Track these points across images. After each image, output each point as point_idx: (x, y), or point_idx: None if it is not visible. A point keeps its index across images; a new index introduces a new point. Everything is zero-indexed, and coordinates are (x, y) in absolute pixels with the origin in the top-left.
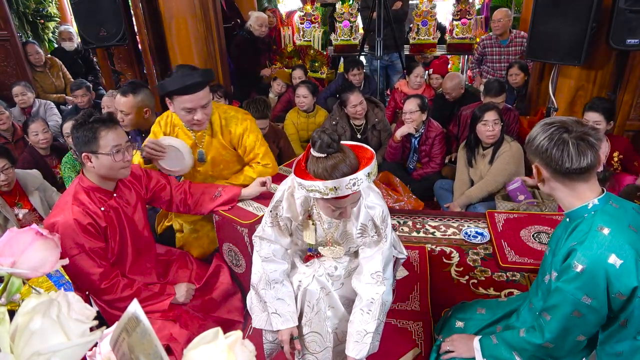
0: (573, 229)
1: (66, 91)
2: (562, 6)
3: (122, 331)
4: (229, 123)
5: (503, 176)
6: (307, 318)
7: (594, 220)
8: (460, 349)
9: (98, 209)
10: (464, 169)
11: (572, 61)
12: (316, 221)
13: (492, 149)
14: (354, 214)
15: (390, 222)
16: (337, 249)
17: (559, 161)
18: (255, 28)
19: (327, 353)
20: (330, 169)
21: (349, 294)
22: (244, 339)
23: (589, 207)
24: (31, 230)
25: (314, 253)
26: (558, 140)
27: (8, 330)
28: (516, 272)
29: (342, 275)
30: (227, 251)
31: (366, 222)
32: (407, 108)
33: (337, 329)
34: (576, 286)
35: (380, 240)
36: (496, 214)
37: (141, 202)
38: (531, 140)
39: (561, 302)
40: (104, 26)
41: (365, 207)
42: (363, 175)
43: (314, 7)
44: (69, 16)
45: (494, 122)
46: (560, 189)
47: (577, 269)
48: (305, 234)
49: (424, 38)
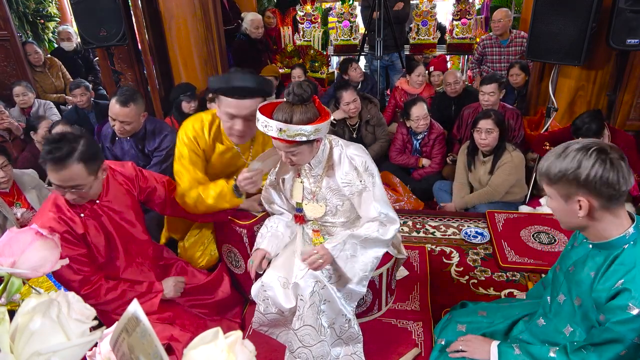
0: (612, 262)
1: (66, 91)
2: (562, 6)
3: (122, 331)
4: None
5: (504, 187)
6: (300, 312)
7: (636, 253)
8: (475, 351)
9: (76, 215)
10: (463, 173)
11: (572, 61)
12: (303, 178)
13: (493, 158)
14: (336, 164)
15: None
16: (317, 208)
17: (616, 186)
18: (251, 31)
19: (322, 347)
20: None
21: (345, 289)
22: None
23: (627, 237)
24: (31, 230)
25: (301, 214)
26: (609, 163)
27: (8, 330)
28: (516, 272)
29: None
30: (227, 252)
31: (350, 170)
32: (417, 114)
33: (334, 324)
34: (631, 328)
35: (365, 189)
36: (496, 214)
37: (134, 204)
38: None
39: (611, 342)
40: (104, 26)
41: (346, 157)
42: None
43: (314, 7)
44: (69, 16)
45: (487, 130)
46: (605, 219)
47: (633, 311)
48: (294, 192)
49: (424, 38)
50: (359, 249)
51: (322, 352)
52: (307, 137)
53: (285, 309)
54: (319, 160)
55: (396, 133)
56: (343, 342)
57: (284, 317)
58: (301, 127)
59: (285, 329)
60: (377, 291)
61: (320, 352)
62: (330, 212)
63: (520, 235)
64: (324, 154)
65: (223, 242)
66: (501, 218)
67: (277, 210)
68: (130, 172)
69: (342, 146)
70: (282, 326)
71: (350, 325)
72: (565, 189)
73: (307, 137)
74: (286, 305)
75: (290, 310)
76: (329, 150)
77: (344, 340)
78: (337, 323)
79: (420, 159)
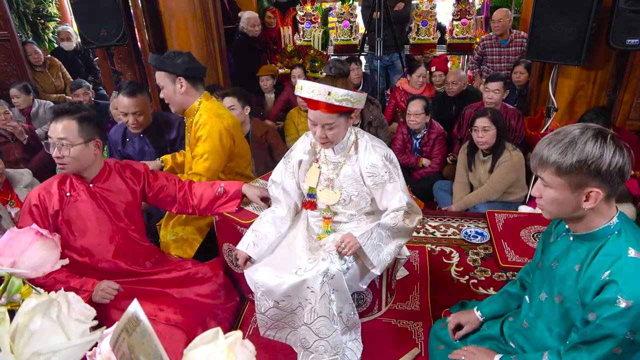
0: (596, 253)
1: (66, 91)
2: (562, 6)
3: (122, 331)
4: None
5: (503, 185)
6: (312, 304)
7: (621, 243)
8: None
9: (63, 194)
10: (463, 172)
11: (572, 61)
12: (321, 164)
13: (492, 157)
14: (361, 154)
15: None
16: (332, 195)
17: (626, 175)
18: (248, 29)
19: (337, 336)
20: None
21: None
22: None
23: (612, 226)
24: (31, 230)
25: (313, 199)
26: (624, 149)
27: (8, 330)
28: (516, 272)
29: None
30: (227, 251)
31: (377, 162)
32: (412, 109)
33: (341, 312)
34: (621, 323)
35: (390, 180)
36: (496, 214)
37: (132, 196)
38: (593, 161)
39: (603, 339)
40: (104, 26)
41: (372, 148)
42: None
43: (314, 7)
44: (69, 16)
45: (483, 128)
46: (602, 209)
47: (621, 304)
48: (309, 177)
49: (424, 38)
50: (384, 238)
51: (337, 342)
52: (353, 104)
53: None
54: (342, 147)
55: (396, 132)
56: (348, 329)
57: (284, 313)
58: (348, 91)
59: (291, 329)
60: (377, 291)
61: (336, 341)
62: (344, 201)
63: (520, 235)
64: (348, 142)
65: (223, 240)
66: (501, 218)
67: (277, 194)
68: (139, 168)
69: (367, 139)
70: (287, 327)
71: (354, 312)
72: (579, 178)
73: (352, 104)
74: (272, 283)
75: (283, 292)
76: (354, 140)
77: (349, 327)
78: (344, 311)
79: (420, 158)
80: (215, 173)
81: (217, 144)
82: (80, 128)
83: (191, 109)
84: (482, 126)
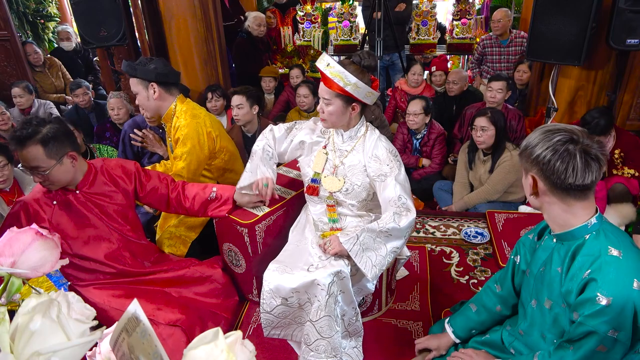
0: (574, 253)
1: (66, 91)
2: (562, 6)
3: (122, 331)
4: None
5: (503, 185)
6: (320, 302)
7: (600, 243)
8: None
9: (50, 202)
10: (463, 172)
11: (572, 61)
12: (329, 150)
13: (492, 157)
14: (368, 144)
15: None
16: (336, 182)
17: (561, 175)
18: (253, 28)
19: (337, 338)
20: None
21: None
22: (244, 339)
23: (589, 226)
24: (31, 230)
25: (316, 184)
26: (564, 152)
27: (8, 330)
28: None
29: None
30: (227, 251)
31: (381, 153)
32: (411, 109)
33: (344, 315)
34: (602, 320)
35: (391, 173)
36: (496, 214)
37: (124, 196)
38: (529, 148)
39: (585, 338)
40: (104, 26)
41: (379, 140)
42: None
43: (314, 7)
44: (69, 16)
45: (481, 128)
46: (555, 205)
47: (602, 302)
48: (316, 162)
49: (424, 38)
50: (374, 242)
51: (337, 344)
52: (345, 85)
53: (286, 289)
54: (351, 136)
55: (397, 133)
56: (349, 334)
57: (291, 309)
58: (345, 71)
59: (297, 325)
60: (377, 291)
61: (337, 343)
62: (346, 190)
63: (520, 235)
64: (358, 133)
65: (223, 240)
66: (501, 218)
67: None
68: (130, 167)
69: (378, 134)
70: (294, 324)
71: (357, 318)
72: (523, 162)
73: (344, 86)
74: (282, 279)
75: (293, 288)
76: (364, 132)
77: (349, 333)
78: (347, 315)
79: (420, 159)
80: (196, 173)
81: (195, 143)
82: (46, 151)
83: (168, 114)
84: (481, 126)
